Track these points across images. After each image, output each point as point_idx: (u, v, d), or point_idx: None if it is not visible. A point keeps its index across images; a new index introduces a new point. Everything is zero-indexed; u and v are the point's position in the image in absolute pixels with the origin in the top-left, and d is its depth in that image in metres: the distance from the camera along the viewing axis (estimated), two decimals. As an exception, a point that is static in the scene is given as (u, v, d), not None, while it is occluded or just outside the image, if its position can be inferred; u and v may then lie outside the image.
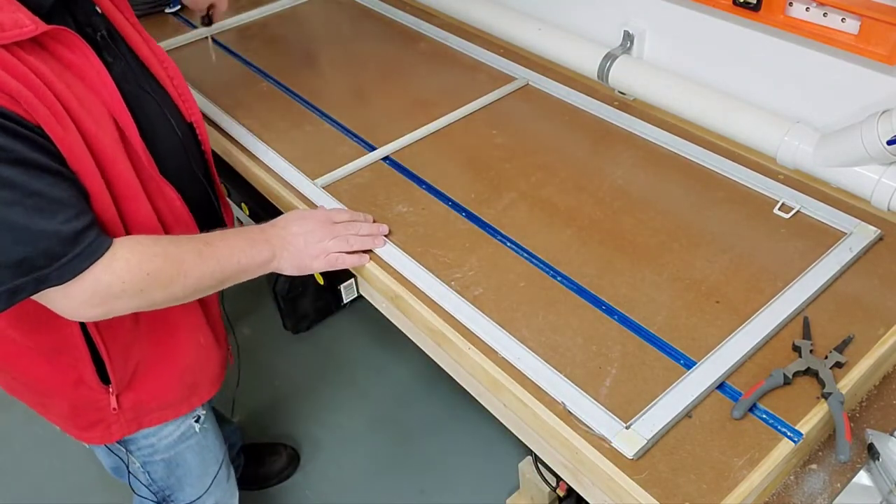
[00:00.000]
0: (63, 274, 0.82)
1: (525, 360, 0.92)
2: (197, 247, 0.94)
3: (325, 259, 1.05)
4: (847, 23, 1.04)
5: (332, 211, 1.11)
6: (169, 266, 0.90)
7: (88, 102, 0.86)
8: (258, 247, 1.00)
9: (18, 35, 0.79)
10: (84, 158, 0.85)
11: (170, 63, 1.06)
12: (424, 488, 1.80)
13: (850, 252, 1.03)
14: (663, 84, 1.30)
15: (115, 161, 0.89)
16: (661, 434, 0.83)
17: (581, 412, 0.86)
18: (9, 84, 0.78)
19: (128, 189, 0.91)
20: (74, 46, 0.86)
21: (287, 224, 1.05)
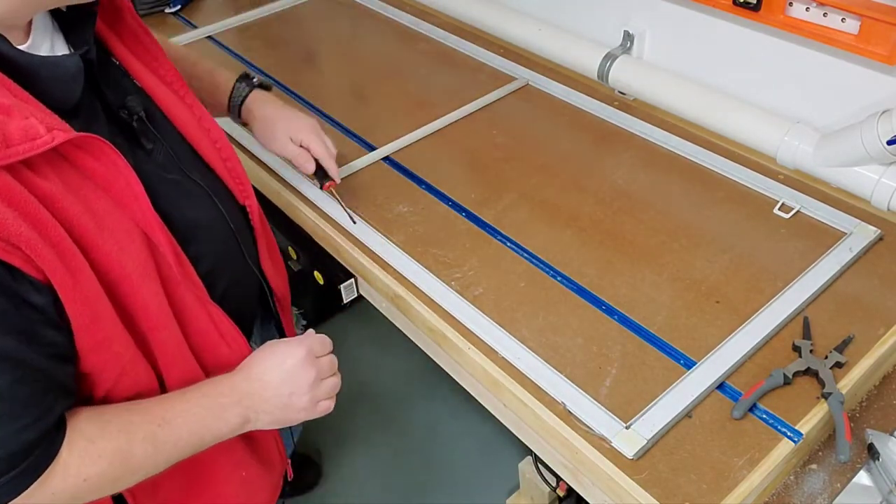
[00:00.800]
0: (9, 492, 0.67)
1: (525, 360, 0.92)
2: (151, 430, 0.76)
3: (312, 411, 0.88)
4: (847, 23, 1.04)
5: (311, 341, 0.89)
6: (114, 467, 0.74)
7: (112, 220, 0.72)
8: (227, 414, 0.81)
9: (29, 151, 0.63)
10: (96, 305, 0.71)
11: (224, 143, 0.92)
12: (424, 488, 1.80)
13: (850, 252, 1.03)
14: (663, 84, 1.30)
15: (141, 288, 0.75)
16: (661, 434, 0.83)
17: (581, 412, 0.86)
18: (9, 227, 0.62)
19: (155, 319, 0.77)
20: (101, 153, 0.71)
21: (263, 373, 0.84)
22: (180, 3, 1.84)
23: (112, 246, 0.71)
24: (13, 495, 0.68)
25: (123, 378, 0.77)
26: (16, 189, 0.63)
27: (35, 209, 0.64)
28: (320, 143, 1.13)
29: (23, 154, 0.63)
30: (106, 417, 0.75)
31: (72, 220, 0.68)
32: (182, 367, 0.82)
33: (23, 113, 0.64)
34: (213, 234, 0.87)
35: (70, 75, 0.72)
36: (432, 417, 1.94)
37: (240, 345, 0.87)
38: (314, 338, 0.90)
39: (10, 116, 0.63)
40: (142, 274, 0.74)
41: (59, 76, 0.71)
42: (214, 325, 0.84)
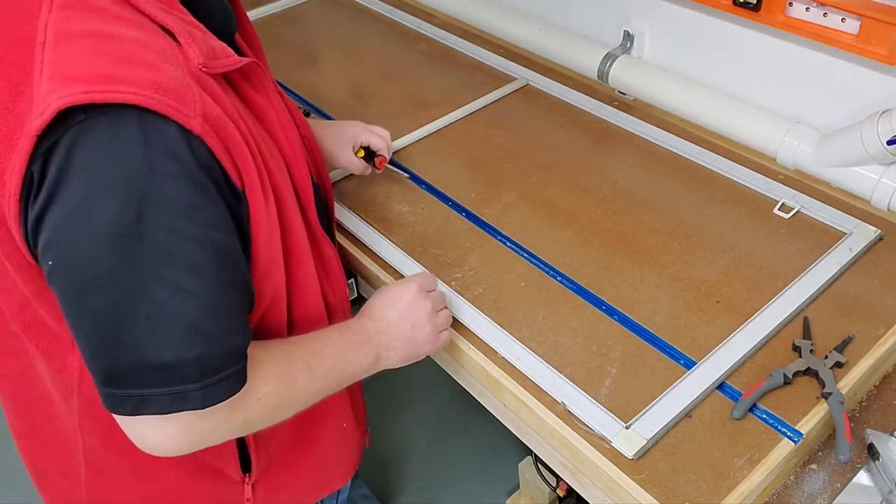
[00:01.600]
0: (207, 397, 0.67)
1: (525, 360, 0.92)
2: (306, 359, 0.80)
3: (435, 342, 0.93)
4: (847, 23, 1.04)
5: (420, 278, 0.94)
6: (280, 391, 0.76)
7: (271, 150, 0.76)
8: (363, 351, 0.86)
9: (228, 65, 0.69)
10: (274, 231, 0.74)
11: (302, 120, 0.95)
12: (424, 487, 1.80)
13: (850, 252, 1.03)
14: (663, 84, 1.31)
15: (294, 219, 0.79)
16: (661, 434, 0.83)
17: (581, 412, 0.86)
18: (226, 128, 0.65)
19: (300, 253, 0.81)
20: (260, 85, 0.76)
21: (383, 312, 0.89)
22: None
23: (273, 171, 0.75)
24: (219, 398, 0.68)
25: (269, 312, 0.80)
26: (224, 98, 0.67)
27: (238, 119, 0.68)
28: (376, 137, 1.18)
29: (226, 67, 0.68)
30: (268, 345, 0.78)
31: (256, 139, 0.72)
32: (313, 304, 0.87)
33: (212, 36, 0.70)
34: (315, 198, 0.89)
35: (228, 12, 0.78)
36: (432, 417, 1.94)
37: (342, 289, 0.94)
38: (422, 275, 0.97)
39: (207, 35, 0.69)
40: (292, 206, 0.78)
41: (224, 11, 0.77)
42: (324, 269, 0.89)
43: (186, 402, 0.66)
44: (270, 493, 0.94)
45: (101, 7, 0.65)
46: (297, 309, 0.85)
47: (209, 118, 0.63)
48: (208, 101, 0.64)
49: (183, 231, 0.63)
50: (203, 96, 0.64)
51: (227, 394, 0.68)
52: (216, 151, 0.64)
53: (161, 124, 0.61)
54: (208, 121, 0.63)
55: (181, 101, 0.62)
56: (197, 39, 0.66)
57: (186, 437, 0.70)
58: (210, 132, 0.63)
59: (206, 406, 0.67)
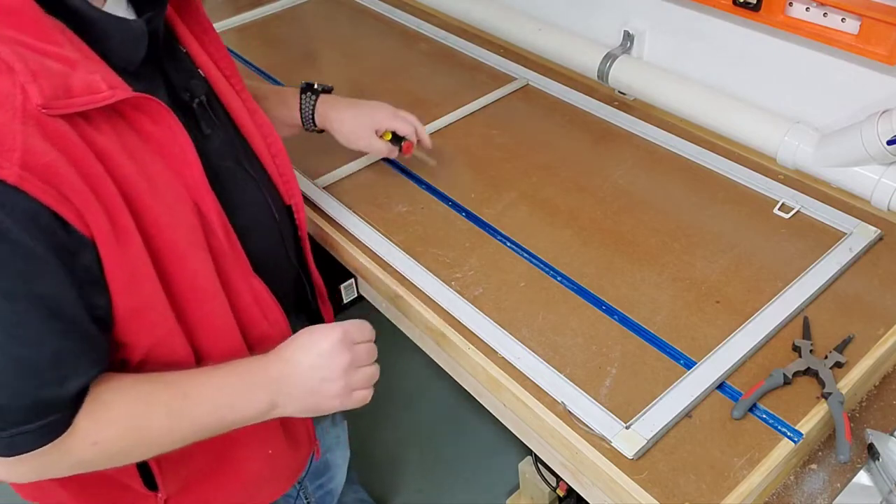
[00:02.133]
0: (12, 446, 0.66)
1: (525, 360, 0.92)
2: (171, 405, 0.75)
3: (345, 399, 0.85)
4: (847, 23, 1.04)
5: (349, 326, 0.85)
6: (127, 437, 0.73)
7: (165, 186, 0.72)
8: (253, 396, 0.79)
9: (88, 103, 0.64)
10: (138, 269, 0.70)
11: (274, 139, 0.92)
12: (424, 488, 1.80)
13: (850, 252, 1.03)
14: (663, 84, 1.31)
15: (187, 256, 0.74)
16: (660, 434, 0.83)
17: (581, 412, 0.86)
18: (60, 174, 0.62)
19: (200, 290, 0.77)
20: (159, 117, 0.71)
21: (294, 355, 0.81)
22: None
23: (163, 210, 0.71)
24: (27, 448, 0.67)
25: (158, 349, 0.76)
26: (72, 140, 0.63)
27: (89, 162, 0.64)
28: (403, 122, 1.15)
29: (82, 106, 0.64)
30: (127, 384, 0.74)
31: (125, 179, 0.68)
32: (227, 341, 0.82)
33: (88, 68, 0.65)
34: (258, 226, 0.87)
35: (136, 36, 0.73)
36: (432, 417, 1.94)
37: (279, 323, 0.88)
38: (352, 322, 0.87)
39: (74, 70, 0.64)
40: (191, 242, 0.74)
41: (126, 36, 0.72)
42: (256, 302, 0.84)
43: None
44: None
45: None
46: (207, 346, 0.80)
47: (32, 167, 0.60)
48: (38, 148, 0.61)
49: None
50: (30, 143, 0.60)
51: (34, 445, 0.67)
52: (44, 199, 0.61)
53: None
54: (31, 169, 0.60)
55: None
56: (42, 78, 0.62)
57: (19, 474, 0.71)
58: (33, 180, 0.60)
59: (13, 455, 0.67)
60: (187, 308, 0.76)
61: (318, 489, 1.36)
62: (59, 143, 0.62)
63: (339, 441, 1.35)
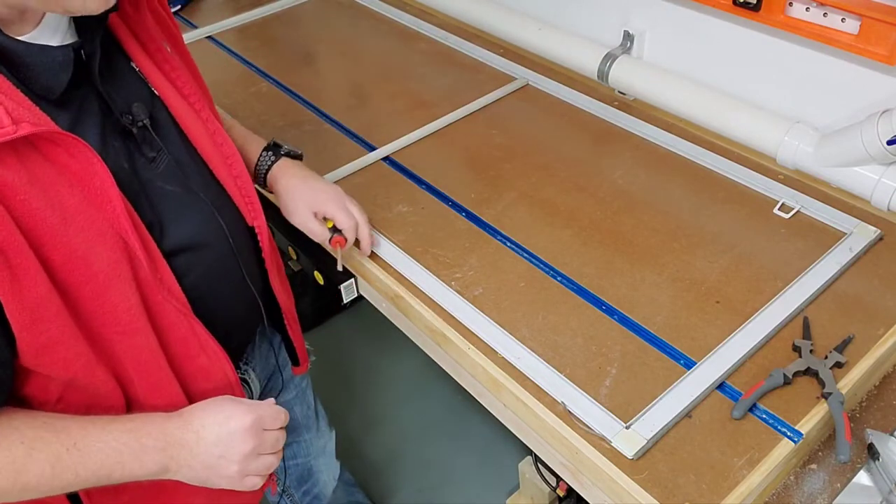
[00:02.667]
0: None
1: (525, 360, 0.92)
2: (56, 453, 0.72)
3: (237, 483, 0.82)
4: (847, 23, 1.04)
5: (263, 410, 0.83)
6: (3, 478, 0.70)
7: (84, 218, 0.70)
8: (146, 458, 0.76)
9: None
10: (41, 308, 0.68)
11: (236, 160, 0.89)
12: (423, 487, 1.80)
13: (850, 252, 1.03)
14: (663, 84, 1.30)
15: (108, 289, 0.72)
16: (661, 434, 0.83)
17: (581, 412, 0.86)
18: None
19: (125, 323, 0.75)
20: (75, 150, 0.69)
21: (201, 427, 0.79)
22: (180, 3, 1.84)
23: (79, 244, 0.70)
24: None
25: (77, 383, 0.75)
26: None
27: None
28: (345, 215, 1.05)
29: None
30: (14, 425, 0.72)
31: (30, 214, 0.66)
32: (155, 374, 0.80)
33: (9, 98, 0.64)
34: (207, 251, 0.85)
35: (56, 64, 0.71)
36: (432, 417, 1.94)
37: (220, 358, 0.85)
38: (269, 408, 0.84)
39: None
40: (111, 275, 0.72)
41: (45, 64, 0.70)
42: (195, 336, 0.82)
43: None
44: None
45: None
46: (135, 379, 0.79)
47: None
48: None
49: None
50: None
51: None
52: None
53: None
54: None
55: None
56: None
57: None
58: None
59: None
60: (110, 341, 0.75)
61: (304, 495, 1.35)
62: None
63: (324, 450, 1.34)
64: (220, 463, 0.80)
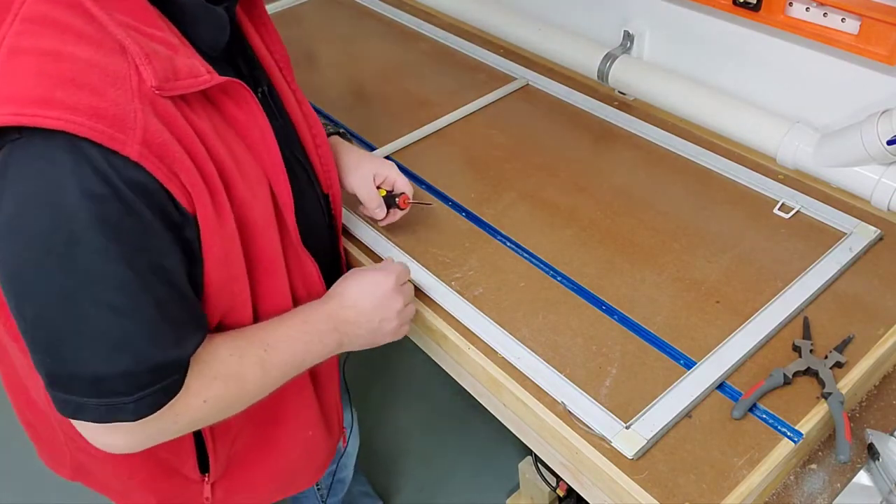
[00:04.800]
0: (140, 409, 0.70)
1: (525, 360, 0.92)
2: (259, 355, 0.80)
3: (397, 334, 0.95)
4: (847, 23, 1.04)
5: (398, 269, 0.95)
6: (229, 389, 0.78)
7: (247, 166, 0.77)
8: (324, 340, 0.87)
9: (192, 86, 0.68)
10: (230, 243, 0.75)
11: (319, 131, 0.96)
12: (424, 487, 1.80)
13: (851, 252, 1.03)
14: (663, 84, 1.30)
15: (264, 233, 0.80)
16: (660, 434, 0.83)
17: (581, 412, 0.86)
18: (172, 153, 0.66)
19: (270, 263, 0.82)
20: (243, 101, 0.76)
21: (356, 301, 0.90)
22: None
23: (246, 191, 0.76)
24: (151, 410, 0.71)
25: (230, 315, 0.81)
26: (179, 120, 0.67)
27: (192, 142, 0.68)
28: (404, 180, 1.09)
29: (188, 88, 0.68)
30: (216, 342, 0.78)
31: (219, 158, 0.72)
32: (282, 311, 0.86)
33: (187, 53, 0.70)
34: (310, 207, 0.92)
35: (223, 21, 0.76)
36: (432, 417, 1.94)
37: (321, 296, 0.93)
38: (400, 266, 0.96)
39: (177, 54, 0.68)
40: (265, 219, 0.79)
41: (214, 21, 0.75)
42: (304, 283, 0.90)
43: (120, 414, 0.69)
44: (230, 494, 0.96)
45: (62, 22, 0.65)
46: (265, 316, 0.85)
47: (151, 144, 0.64)
48: (154, 127, 0.64)
49: (112, 252, 0.65)
50: (148, 122, 0.64)
51: (157, 407, 0.71)
52: (159, 176, 0.65)
53: (93, 150, 0.62)
54: (150, 147, 0.64)
55: (118, 128, 0.62)
56: (154, 60, 0.66)
57: (134, 441, 0.74)
58: (151, 158, 0.64)
59: (140, 418, 0.70)
60: (257, 280, 0.81)
61: (328, 476, 1.38)
62: (169, 124, 0.66)
63: (352, 430, 1.37)
64: (383, 325, 0.92)
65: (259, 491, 1.00)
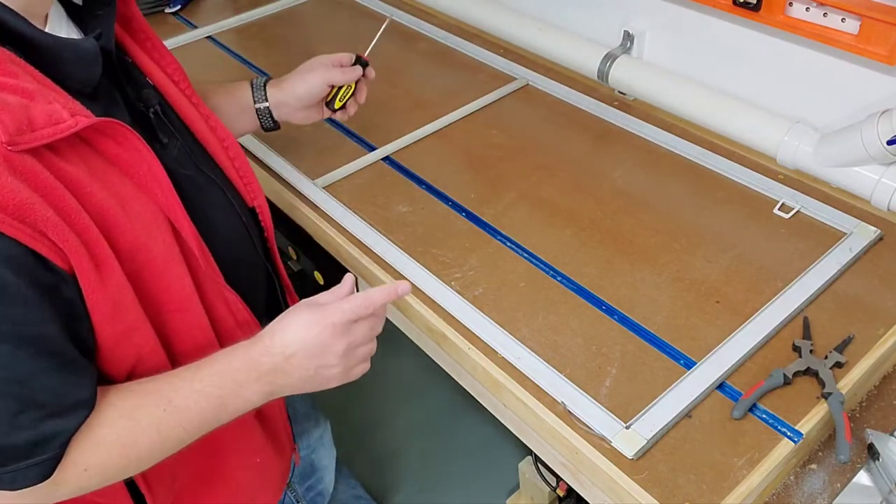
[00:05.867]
0: (17, 479, 0.66)
1: (525, 360, 0.92)
2: (157, 416, 0.73)
3: (344, 378, 0.83)
4: (847, 23, 1.04)
5: (348, 306, 0.80)
6: (116, 456, 0.72)
7: (138, 206, 0.72)
8: (244, 393, 0.77)
9: (52, 134, 0.63)
10: (120, 296, 0.70)
11: (231, 142, 0.91)
12: (423, 487, 1.80)
13: (851, 252, 1.03)
14: (663, 84, 1.30)
15: (166, 272, 0.74)
16: (661, 434, 0.83)
17: (581, 412, 0.86)
18: (34, 211, 0.60)
19: (180, 302, 0.77)
20: (122, 138, 0.71)
21: (285, 347, 0.77)
22: (180, 3, 1.84)
23: (140, 230, 0.71)
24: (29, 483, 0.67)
25: (141, 365, 0.76)
26: (41, 174, 0.62)
27: (61, 194, 0.63)
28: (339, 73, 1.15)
29: (47, 138, 0.62)
30: (106, 402, 0.72)
31: (98, 206, 0.67)
32: (205, 352, 0.81)
33: (46, 98, 0.64)
34: (228, 227, 0.87)
35: (91, 56, 0.72)
36: (432, 417, 1.94)
37: (252, 329, 0.86)
38: (352, 299, 0.80)
39: (33, 101, 0.63)
40: (167, 258, 0.74)
41: (80, 57, 0.71)
42: (231, 312, 0.84)
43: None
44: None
45: None
46: (186, 358, 0.79)
47: (6, 206, 0.59)
48: (8, 187, 0.59)
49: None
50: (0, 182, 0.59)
51: (36, 480, 0.67)
52: (21, 239, 0.60)
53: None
54: (5, 210, 0.59)
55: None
56: (3, 113, 0.60)
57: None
58: (8, 221, 0.59)
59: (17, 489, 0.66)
60: (167, 323, 0.76)
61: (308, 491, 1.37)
62: (28, 180, 0.61)
63: (322, 441, 1.35)
64: (320, 371, 0.79)
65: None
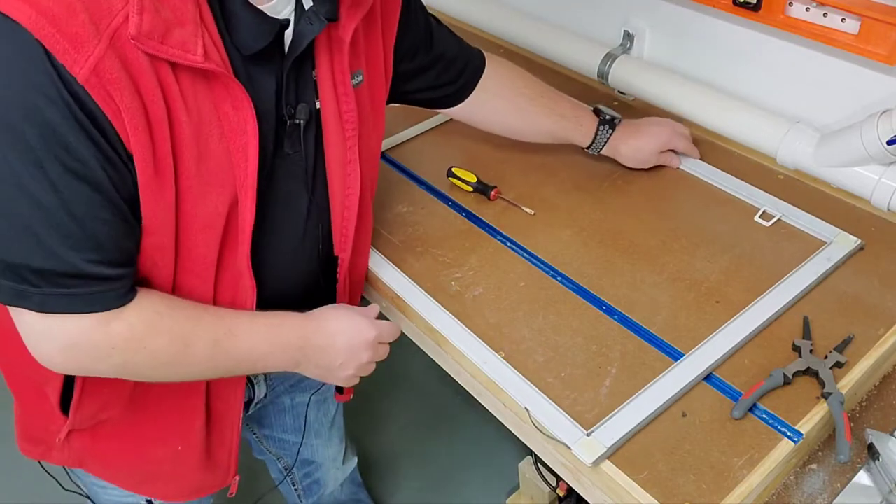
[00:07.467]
0: (45, 302, 0.70)
1: (491, 364, 0.92)
2: (216, 335, 0.79)
3: (347, 382, 0.94)
4: (847, 23, 1.04)
5: (385, 329, 0.93)
6: (172, 350, 0.77)
7: (215, 165, 0.74)
8: (287, 352, 0.86)
9: (176, 56, 0.67)
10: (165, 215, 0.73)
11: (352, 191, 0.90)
12: (424, 487, 1.80)
13: (829, 261, 1.02)
14: (663, 84, 1.30)
15: (200, 232, 0.77)
16: (624, 440, 0.83)
17: (544, 418, 0.85)
18: (123, 94, 0.65)
19: (195, 263, 0.79)
20: (240, 104, 0.73)
21: (334, 335, 0.88)
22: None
23: (200, 183, 0.74)
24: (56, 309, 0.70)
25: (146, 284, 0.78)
26: (147, 75, 0.66)
27: (154, 100, 0.67)
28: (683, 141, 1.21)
29: (169, 56, 0.67)
30: (178, 303, 0.78)
31: (180, 136, 0.71)
32: None
33: (196, 31, 0.68)
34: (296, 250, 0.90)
35: (259, 29, 0.74)
36: (432, 417, 1.94)
37: None
38: (390, 325, 0.95)
39: (182, 26, 0.67)
40: (208, 223, 0.77)
41: (250, 25, 0.73)
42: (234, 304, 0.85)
43: (24, 301, 0.70)
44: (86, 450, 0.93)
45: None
46: None
47: (102, 74, 0.64)
48: (111, 65, 0.64)
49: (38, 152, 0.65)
50: (106, 57, 0.64)
51: (65, 309, 0.71)
52: (103, 107, 0.65)
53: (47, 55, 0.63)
54: (99, 76, 0.64)
55: (73, 46, 0.63)
56: (146, 14, 0.65)
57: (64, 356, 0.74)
58: (98, 87, 0.64)
59: (44, 311, 0.70)
60: (179, 277, 0.79)
61: (305, 477, 1.39)
62: (133, 71, 0.66)
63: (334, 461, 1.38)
64: (341, 367, 0.89)
65: (114, 472, 0.97)
